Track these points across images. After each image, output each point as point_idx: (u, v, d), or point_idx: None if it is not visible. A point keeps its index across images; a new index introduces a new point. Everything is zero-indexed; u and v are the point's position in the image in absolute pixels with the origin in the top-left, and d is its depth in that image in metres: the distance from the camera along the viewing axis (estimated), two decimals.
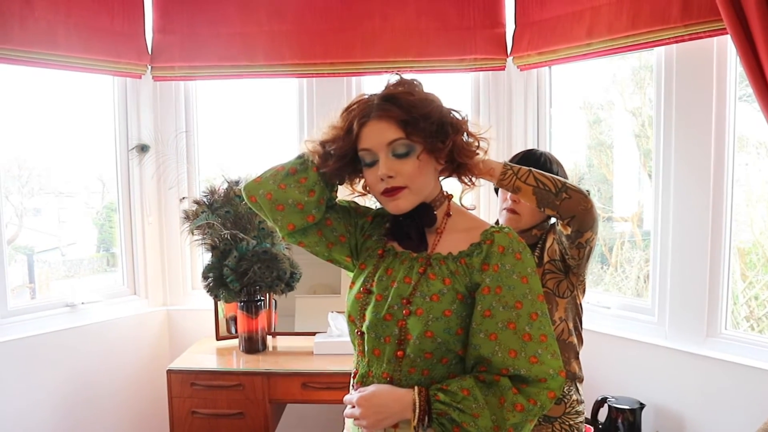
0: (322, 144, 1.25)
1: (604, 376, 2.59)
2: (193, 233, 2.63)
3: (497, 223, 1.75)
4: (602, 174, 2.99)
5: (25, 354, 2.58)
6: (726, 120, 2.23)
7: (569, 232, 1.56)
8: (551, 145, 2.95)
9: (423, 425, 1.15)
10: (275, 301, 2.86)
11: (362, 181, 1.30)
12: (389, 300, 1.21)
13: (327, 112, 2.91)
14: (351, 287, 1.34)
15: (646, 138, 2.72)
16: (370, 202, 1.38)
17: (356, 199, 1.40)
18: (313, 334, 2.81)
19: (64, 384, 2.74)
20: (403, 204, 1.21)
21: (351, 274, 1.38)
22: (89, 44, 2.62)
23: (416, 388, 1.16)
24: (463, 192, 1.33)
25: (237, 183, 2.69)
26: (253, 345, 2.73)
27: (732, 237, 2.30)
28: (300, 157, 1.31)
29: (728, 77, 2.22)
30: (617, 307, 2.64)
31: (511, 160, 1.78)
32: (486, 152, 1.28)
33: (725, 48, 2.20)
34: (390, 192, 1.19)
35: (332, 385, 2.45)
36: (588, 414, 2.47)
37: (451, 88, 3.15)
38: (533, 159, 1.73)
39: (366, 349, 1.24)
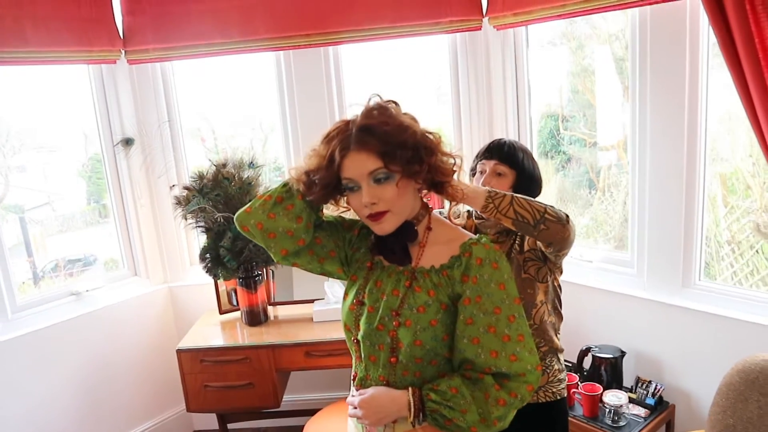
0: (307, 173, 1.31)
1: (587, 326, 2.75)
2: (186, 218, 2.69)
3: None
4: (587, 99, 3.03)
5: (39, 345, 2.70)
6: (699, 72, 2.26)
7: (548, 251, 1.67)
8: (530, 101, 2.98)
9: (419, 420, 1.28)
10: (273, 271, 2.96)
11: (346, 198, 1.37)
12: (380, 312, 1.31)
13: (307, 90, 2.94)
14: (345, 298, 1.43)
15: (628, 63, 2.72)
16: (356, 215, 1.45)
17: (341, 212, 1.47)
18: (312, 301, 2.94)
19: (80, 369, 2.87)
20: (387, 226, 1.29)
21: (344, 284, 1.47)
22: (59, 36, 2.58)
23: (410, 389, 1.29)
24: (450, 209, 1.40)
25: (224, 165, 2.72)
26: (255, 317, 2.86)
27: (705, 191, 2.39)
28: (285, 185, 1.37)
29: (701, 26, 2.24)
30: (599, 260, 2.77)
31: (479, 152, 1.85)
32: (461, 168, 1.34)
33: None
34: (374, 216, 1.27)
35: (333, 352, 2.61)
36: (574, 361, 2.65)
37: (429, 50, 3.14)
38: (499, 148, 1.80)
39: (363, 355, 1.36)
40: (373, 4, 2.79)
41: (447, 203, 1.41)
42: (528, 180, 1.82)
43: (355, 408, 1.35)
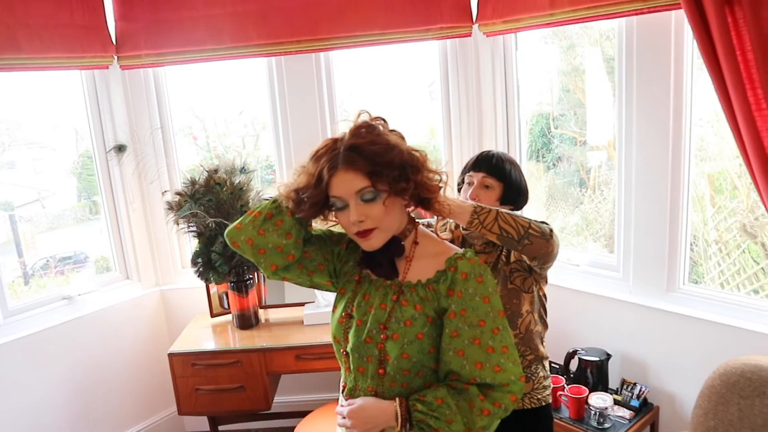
0: (296, 191, 1.33)
1: (574, 329, 2.79)
2: (178, 223, 2.71)
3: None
4: (577, 98, 3.06)
5: (31, 350, 2.71)
6: (684, 74, 2.30)
7: (532, 264, 1.71)
8: (519, 104, 3.01)
9: (405, 430, 1.31)
10: (264, 274, 2.98)
11: (334, 214, 1.40)
12: (368, 325, 1.35)
13: (299, 93, 2.95)
14: (334, 311, 1.47)
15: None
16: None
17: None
18: (302, 304, 2.97)
19: (72, 373, 2.89)
20: (375, 243, 1.32)
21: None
22: (52, 43, 2.59)
23: (398, 399, 1.32)
24: (437, 224, 1.43)
25: (216, 171, 2.75)
26: (246, 321, 2.89)
27: (690, 196, 2.43)
28: (274, 201, 1.40)
29: (686, 30, 2.27)
30: (586, 264, 2.81)
31: (467, 164, 1.89)
32: (447, 184, 1.37)
33: None
34: (362, 234, 1.30)
35: (323, 355, 2.64)
36: (560, 363, 2.70)
37: (420, 52, 3.17)
38: (487, 160, 1.83)
39: (352, 367, 1.39)
40: (364, 11, 2.82)
41: (435, 218, 1.44)
42: (515, 192, 1.85)
43: (344, 418, 1.38)
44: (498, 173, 1.82)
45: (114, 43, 2.86)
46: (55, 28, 2.61)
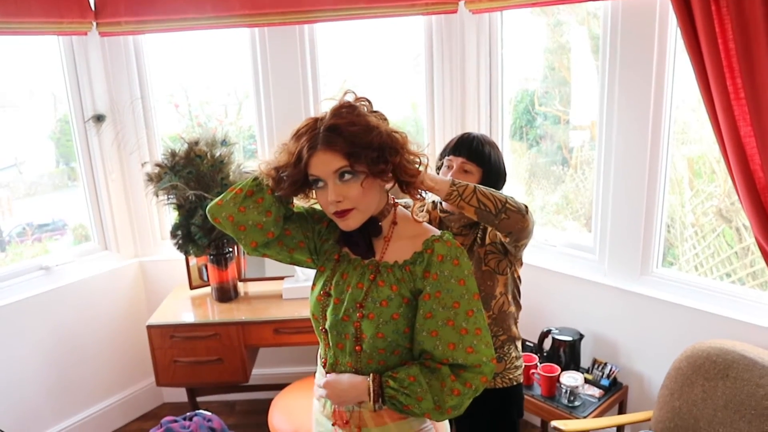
0: (276, 169, 1.34)
1: (549, 309, 2.84)
2: (157, 195, 2.69)
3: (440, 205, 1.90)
4: (562, 77, 3.06)
5: (8, 320, 2.70)
6: (666, 57, 2.32)
7: (506, 241, 1.73)
8: (503, 81, 3.00)
9: (378, 405, 1.35)
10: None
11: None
12: (345, 304, 1.37)
13: (282, 64, 2.92)
14: (313, 288, 1.48)
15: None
16: None
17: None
18: (282, 278, 2.98)
19: (50, 343, 2.89)
20: (352, 223, 1.33)
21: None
22: (28, 7, 2.52)
23: (371, 375, 1.35)
24: (414, 206, 1.43)
25: (197, 143, 2.71)
26: (226, 294, 2.89)
27: (667, 181, 2.46)
28: (255, 179, 1.40)
29: (671, 14, 2.26)
30: (563, 245, 2.85)
31: (446, 146, 1.89)
32: (427, 167, 1.38)
33: None
34: (340, 213, 1.31)
35: (302, 329, 2.66)
36: (534, 342, 2.75)
37: (405, 29, 3.14)
38: (467, 144, 1.84)
39: (331, 344, 1.42)
40: None
41: (411, 201, 1.45)
42: (495, 177, 1.86)
43: (321, 387, 1.43)
44: (478, 158, 1.82)
45: (93, 9, 2.78)
46: None
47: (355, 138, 1.25)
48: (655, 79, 2.33)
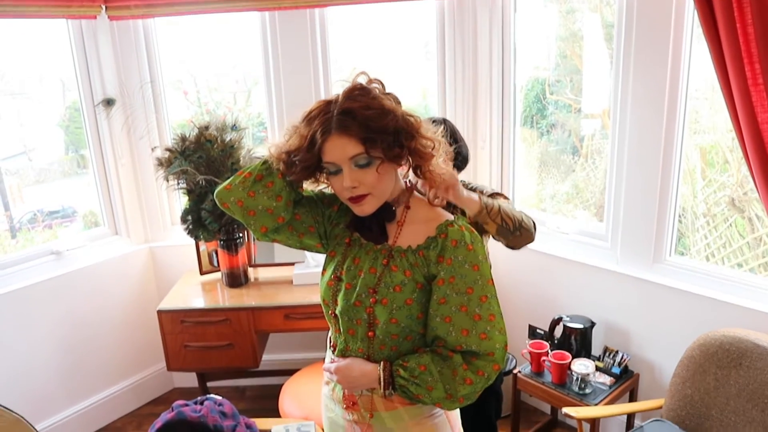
0: (288, 153, 1.32)
1: (560, 297, 2.83)
2: (167, 180, 2.68)
3: None
4: (574, 65, 3.03)
5: (19, 305, 2.72)
6: (683, 44, 2.28)
7: (504, 245, 1.80)
8: (515, 68, 2.97)
9: (388, 392, 1.35)
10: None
11: (326, 177, 1.39)
12: (357, 289, 1.35)
13: (292, 49, 2.89)
14: (323, 273, 1.47)
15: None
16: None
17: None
18: (292, 264, 2.98)
19: (61, 328, 2.90)
20: (367, 208, 1.31)
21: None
22: None
23: (382, 363, 1.34)
24: (429, 191, 1.39)
25: (207, 128, 2.70)
26: (236, 279, 2.90)
27: (681, 169, 2.43)
28: (264, 162, 1.38)
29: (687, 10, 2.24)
30: (575, 232, 2.83)
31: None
32: (439, 152, 1.35)
33: None
34: (355, 199, 1.29)
35: (312, 315, 2.67)
36: (545, 329, 2.74)
37: (416, 15, 3.10)
38: None
39: (342, 329, 1.40)
40: None
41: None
42: (462, 162, 1.99)
43: (332, 373, 1.42)
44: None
45: None
46: None
47: (371, 122, 1.22)
48: (671, 66, 2.30)
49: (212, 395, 2.22)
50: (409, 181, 1.42)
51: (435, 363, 1.29)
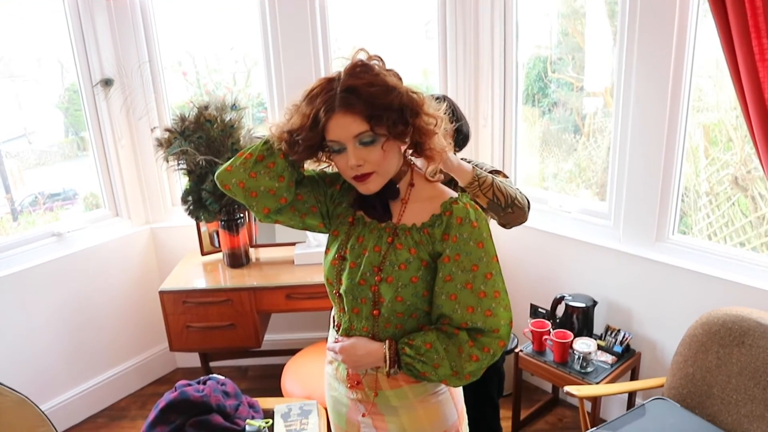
0: (290, 132, 1.30)
1: (562, 275, 2.83)
2: (167, 161, 2.67)
3: None
4: (576, 42, 3.01)
5: (21, 287, 2.72)
6: (688, 21, 2.25)
7: (499, 222, 1.80)
8: (517, 46, 2.94)
9: (394, 371, 1.34)
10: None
11: (328, 155, 1.37)
12: (362, 267, 1.34)
13: (292, 29, 2.86)
14: (327, 253, 1.46)
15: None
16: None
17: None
18: (293, 244, 2.97)
19: (63, 309, 2.91)
20: (372, 187, 1.30)
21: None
22: None
23: (387, 342, 1.34)
24: (427, 167, 1.37)
25: (206, 107, 2.68)
26: (237, 260, 2.90)
27: (685, 145, 2.42)
28: (266, 142, 1.36)
29: None
30: (577, 211, 2.81)
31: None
32: (441, 128, 1.33)
33: None
34: (360, 177, 1.28)
35: (314, 295, 2.66)
36: (548, 308, 2.75)
37: None
38: None
39: (346, 308, 1.40)
40: None
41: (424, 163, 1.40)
42: (463, 140, 1.95)
43: (336, 353, 1.41)
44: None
45: None
46: None
47: (375, 99, 1.20)
48: (676, 42, 2.27)
49: (215, 375, 2.23)
50: (409, 157, 1.41)
51: (441, 340, 1.29)
